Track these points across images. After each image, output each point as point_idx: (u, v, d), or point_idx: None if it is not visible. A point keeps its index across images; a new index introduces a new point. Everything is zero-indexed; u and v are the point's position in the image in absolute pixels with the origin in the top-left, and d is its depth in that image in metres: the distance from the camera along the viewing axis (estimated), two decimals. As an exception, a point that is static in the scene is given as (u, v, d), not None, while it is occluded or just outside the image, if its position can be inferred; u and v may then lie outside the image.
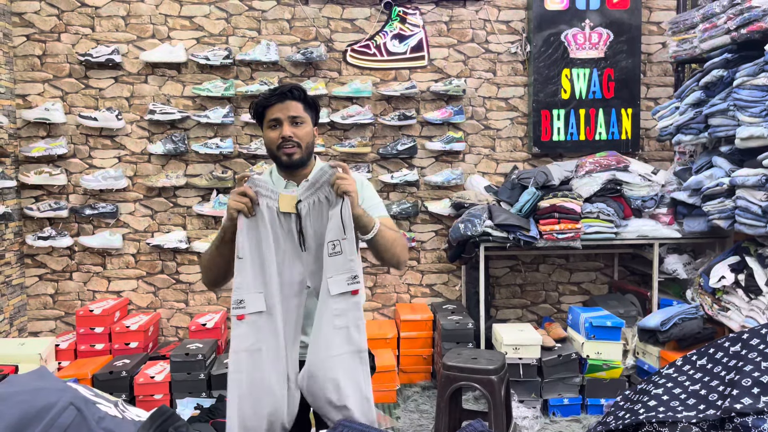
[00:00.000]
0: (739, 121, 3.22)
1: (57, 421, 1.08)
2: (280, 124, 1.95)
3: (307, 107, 2.00)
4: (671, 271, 4.01)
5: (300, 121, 1.96)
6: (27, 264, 4.32)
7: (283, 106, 1.95)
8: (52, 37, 4.26)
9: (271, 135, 1.97)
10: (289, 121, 1.95)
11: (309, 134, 1.99)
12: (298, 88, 2.00)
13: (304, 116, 1.98)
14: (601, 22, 4.39)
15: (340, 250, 1.77)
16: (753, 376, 1.30)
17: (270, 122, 1.97)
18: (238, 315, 1.77)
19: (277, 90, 1.99)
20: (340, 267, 1.77)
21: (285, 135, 1.93)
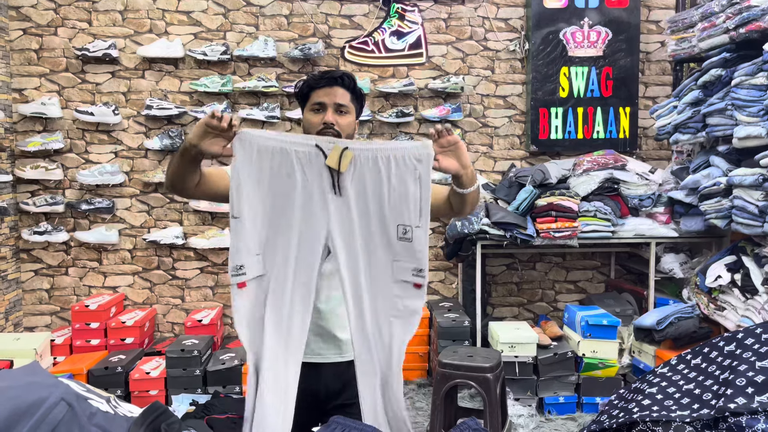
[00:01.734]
0: (736, 120, 3.21)
1: (48, 417, 1.07)
2: (324, 109, 1.83)
3: (354, 98, 1.88)
4: (668, 270, 4.01)
5: (345, 110, 1.84)
6: (23, 259, 4.31)
7: (331, 91, 1.83)
8: (48, 31, 4.24)
9: (313, 119, 1.84)
10: (334, 107, 1.82)
11: (351, 126, 1.86)
12: (350, 76, 1.89)
13: (349, 106, 1.86)
14: (599, 21, 4.39)
15: (410, 238, 1.54)
16: (747, 376, 1.30)
17: (314, 105, 1.85)
18: (239, 283, 1.56)
19: (328, 74, 1.88)
20: (406, 254, 1.55)
21: (327, 121, 1.80)
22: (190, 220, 4.39)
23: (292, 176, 1.52)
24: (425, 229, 1.54)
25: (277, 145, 1.52)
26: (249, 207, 1.53)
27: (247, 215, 1.53)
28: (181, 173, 1.71)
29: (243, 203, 1.53)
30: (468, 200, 1.75)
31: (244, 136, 1.52)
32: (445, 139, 1.60)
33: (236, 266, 1.55)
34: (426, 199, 1.52)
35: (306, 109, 1.89)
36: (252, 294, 1.56)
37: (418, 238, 1.54)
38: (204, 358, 3.75)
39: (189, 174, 1.71)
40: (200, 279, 4.43)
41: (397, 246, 1.54)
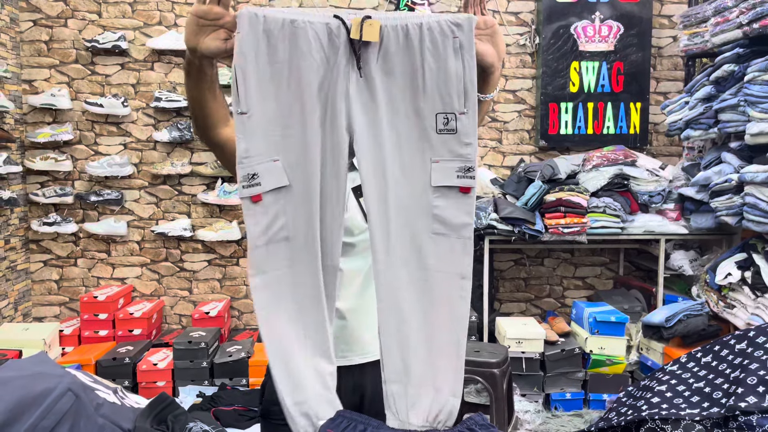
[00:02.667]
0: (749, 116, 3.18)
1: (55, 407, 1.08)
2: None
3: None
4: (677, 267, 3.98)
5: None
6: (32, 249, 4.33)
7: None
8: (58, 22, 4.24)
9: None
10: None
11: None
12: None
13: None
14: (611, 15, 4.34)
15: (453, 128, 1.21)
16: (759, 375, 1.29)
17: None
18: (253, 196, 1.21)
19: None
20: (448, 151, 1.22)
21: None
22: (198, 213, 4.39)
23: (308, 56, 1.19)
24: (472, 115, 1.22)
25: (289, 17, 1.19)
26: (260, 97, 1.20)
27: (258, 108, 1.20)
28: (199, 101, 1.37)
29: (252, 93, 1.19)
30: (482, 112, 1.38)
31: (247, 13, 1.18)
32: (482, 18, 1.30)
33: (248, 175, 1.20)
34: (471, 77, 1.21)
35: None
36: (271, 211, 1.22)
37: (465, 127, 1.21)
38: (211, 350, 3.76)
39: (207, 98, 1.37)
40: (208, 271, 4.44)
41: (437, 141, 1.22)
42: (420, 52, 1.20)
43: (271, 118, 1.20)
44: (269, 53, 1.18)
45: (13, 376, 1.12)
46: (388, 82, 1.21)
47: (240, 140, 1.20)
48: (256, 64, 1.18)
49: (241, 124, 1.20)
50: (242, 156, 1.20)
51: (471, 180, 1.22)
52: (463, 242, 1.24)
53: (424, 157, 1.22)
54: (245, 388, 3.65)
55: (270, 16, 1.18)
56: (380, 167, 1.22)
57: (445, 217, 1.23)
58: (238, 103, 1.19)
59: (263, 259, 1.22)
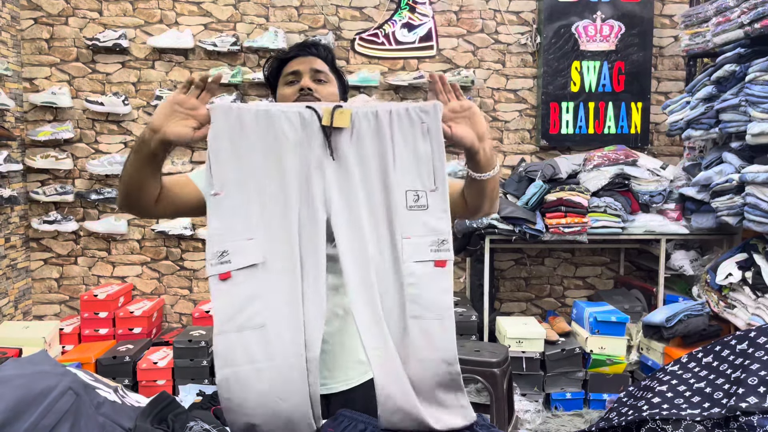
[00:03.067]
0: (750, 117, 3.18)
1: (55, 406, 1.08)
2: (300, 78, 1.53)
3: (333, 70, 1.59)
4: (678, 267, 3.98)
5: (325, 78, 1.54)
6: (32, 248, 4.33)
7: (305, 60, 1.55)
8: (59, 20, 4.24)
9: (287, 91, 1.53)
10: (310, 74, 1.52)
11: (333, 96, 1.54)
12: (326, 47, 1.60)
13: (329, 75, 1.56)
14: (612, 15, 4.34)
15: (425, 204, 1.22)
16: (759, 375, 1.29)
17: (286, 76, 1.55)
18: (221, 273, 1.17)
19: (299, 44, 1.59)
20: (419, 227, 1.22)
21: (304, 86, 1.50)
22: (199, 211, 4.39)
23: (281, 139, 1.21)
24: (443, 191, 1.24)
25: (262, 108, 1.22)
26: (233, 178, 1.19)
27: (231, 189, 1.19)
28: (138, 181, 1.35)
29: (227, 174, 1.19)
30: (486, 191, 1.42)
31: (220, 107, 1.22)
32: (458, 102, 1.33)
33: (217, 252, 1.17)
34: (439, 155, 1.23)
35: (279, 85, 1.58)
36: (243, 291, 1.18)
37: (436, 203, 1.23)
38: (211, 348, 3.75)
39: (148, 180, 1.35)
40: (208, 270, 4.43)
41: (407, 217, 1.22)
42: (390, 135, 1.23)
43: (247, 198, 1.20)
44: (243, 137, 1.20)
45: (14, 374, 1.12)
46: (360, 163, 1.23)
47: (212, 218, 1.19)
48: (231, 146, 1.20)
49: (215, 204, 1.19)
50: (213, 233, 1.18)
51: (447, 253, 1.22)
52: (441, 323, 1.22)
53: (397, 234, 1.22)
54: (245, 386, 3.64)
55: (243, 107, 1.22)
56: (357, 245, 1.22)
57: (420, 295, 1.21)
58: (212, 184, 1.19)
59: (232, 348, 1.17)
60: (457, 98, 1.35)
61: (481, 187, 1.41)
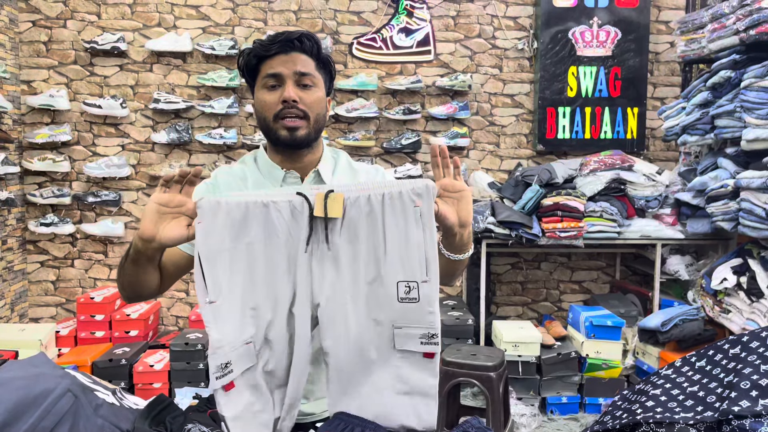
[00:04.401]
0: (745, 122, 3.20)
1: (54, 408, 1.08)
2: (282, 83, 1.40)
3: (320, 66, 1.45)
4: (673, 272, 4.00)
5: (311, 82, 1.42)
6: (29, 250, 4.33)
7: (288, 59, 1.40)
8: (58, 23, 4.25)
9: (268, 98, 1.41)
10: (294, 79, 1.40)
11: (320, 103, 1.44)
12: (311, 37, 1.42)
13: (315, 76, 1.43)
14: (609, 20, 4.37)
15: (416, 297, 1.22)
16: (752, 379, 1.30)
17: (266, 78, 1.41)
18: (226, 385, 1.20)
19: (281, 36, 1.41)
20: (411, 318, 1.23)
21: (288, 97, 1.38)
22: (196, 214, 4.39)
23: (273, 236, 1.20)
24: (434, 283, 1.22)
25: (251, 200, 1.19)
26: (227, 283, 1.19)
27: (226, 294, 1.19)
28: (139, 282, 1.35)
29: (219, 280, 1.18)
30: (452, 269, 1.41)
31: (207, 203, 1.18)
32: (451, 182, 1.30)
33: (221, 365, 1.19)
34: (432, 244, 1.20)
35: (257, 86, 1.44)
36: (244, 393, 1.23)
37: (427, 296, 1.22)
38: (208, 352, 3.75)
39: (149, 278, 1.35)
40: (205, 273, 4.43)
41: (399, 309, 1.22)
42: (382, 222, 1.20)
43: (240, 301, 1.20)
44: (233, 238, 1.19)
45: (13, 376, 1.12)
46: (351, 251, 1.22)
47: (211, 329, 1.19)
48: (220, 250, 1.18)
49: (211, 312, 1.19)
50: (216, 346, 1.19)
51: (435, 346, 1.24)
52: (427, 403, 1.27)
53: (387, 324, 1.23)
54: (242, 390, 3.64)
55: (231, 201, 1.18)
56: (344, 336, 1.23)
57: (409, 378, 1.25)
58: (206, 293, 1.18)
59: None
60: (454, 177, 1.32)
61: (452, 266, 1.40)
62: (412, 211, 1.20)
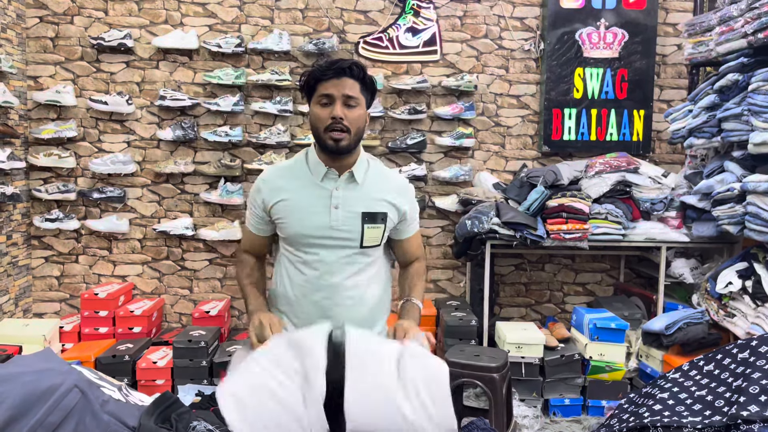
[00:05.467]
0: (752, 126, 3.19)
1: (61, 403, 1.08)
2: (333, 102, 1.75)
3: (364, 88, 1.81)
4: (678, 275, 3.98)
5: (355, 103, 1.77)
6: (33, 245, 4.33)
7: (339, 83, 1.75)
8: (65, 19, 4.25)
9: (320, 113, 1.76)
10: (342, 100, 1.74)
11: (361, 119, 1.79)
12: (359, 65, 1.80)
13: (359, 98, 1.78)
14: (616, 22, 4.36)
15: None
16: (761, 384, 1.29)
17: (320, 97, 1.77)
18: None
19: (336, 64, 1.78)
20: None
21: (336, 115, 1.73)
22: (201, 212, 4.40)
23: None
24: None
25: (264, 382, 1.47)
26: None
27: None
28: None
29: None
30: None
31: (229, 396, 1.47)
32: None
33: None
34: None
35: (313, 102, 1.80)
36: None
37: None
38: (211, 349, 3.76)
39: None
40: (209, 270, 4.44)
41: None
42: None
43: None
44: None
45: (20, 372, 1.12)
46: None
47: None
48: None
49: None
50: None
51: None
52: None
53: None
54: (244, 387, 3.64)
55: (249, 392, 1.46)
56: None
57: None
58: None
59: None
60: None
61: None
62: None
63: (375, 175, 1.90)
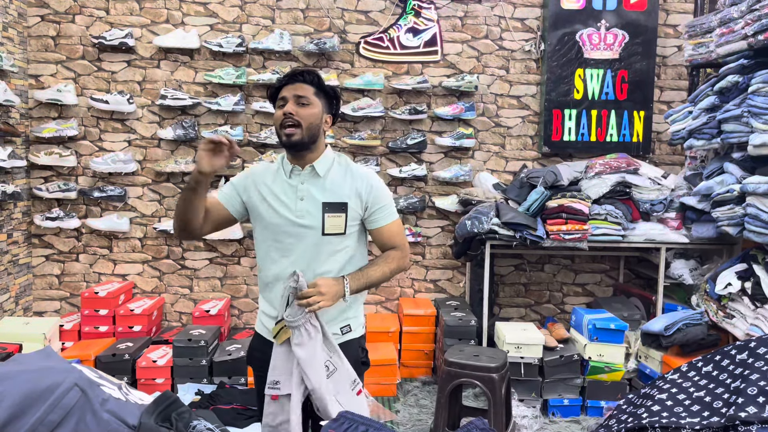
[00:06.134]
0: (752, 127, 3.19)
1: (61, 402, 1.09)
2: (286, 102, 1.95)
3: (319, 92, 1.99)
4: (677, 276, 3.99)
5: (306, 102, 1.95)
6: (34, 244, 4.34)
7: (292, 87, 1.96)
8: (66, 18, 4.26)
9: (277, 113, 1.97)
10: (294, 99, 1.94)
11: (313, 116, 1.96)
12: (312, 72, 2.00)
13: (311, 99, 1.97)
14: (616, 23, 4.36)
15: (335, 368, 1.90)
16: (759, 385, 1.29)
17: (279, 101, 1.99)
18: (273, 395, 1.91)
19: (291, 71, 2.02)
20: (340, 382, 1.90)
21: (286, 111, 1.92)
22: (201, 211, 4.40)
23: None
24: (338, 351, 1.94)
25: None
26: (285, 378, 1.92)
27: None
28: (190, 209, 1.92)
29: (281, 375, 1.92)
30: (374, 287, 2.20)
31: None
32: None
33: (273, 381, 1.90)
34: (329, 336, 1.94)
35: (275, 107, 2.02)
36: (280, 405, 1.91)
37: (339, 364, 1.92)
38: (210, 348, 3.76)
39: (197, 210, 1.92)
40: (209, 269, 4.45)
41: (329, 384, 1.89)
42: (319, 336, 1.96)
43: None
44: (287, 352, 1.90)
45: (21, 370, 1.13)
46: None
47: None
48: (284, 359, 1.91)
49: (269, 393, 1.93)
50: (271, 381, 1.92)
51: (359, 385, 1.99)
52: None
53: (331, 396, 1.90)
54: (244, 387, 3.65)
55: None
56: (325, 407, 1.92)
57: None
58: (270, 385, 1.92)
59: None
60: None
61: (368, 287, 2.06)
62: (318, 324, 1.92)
63: (339, 170, 2.04)
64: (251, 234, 4.31)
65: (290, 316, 1.84)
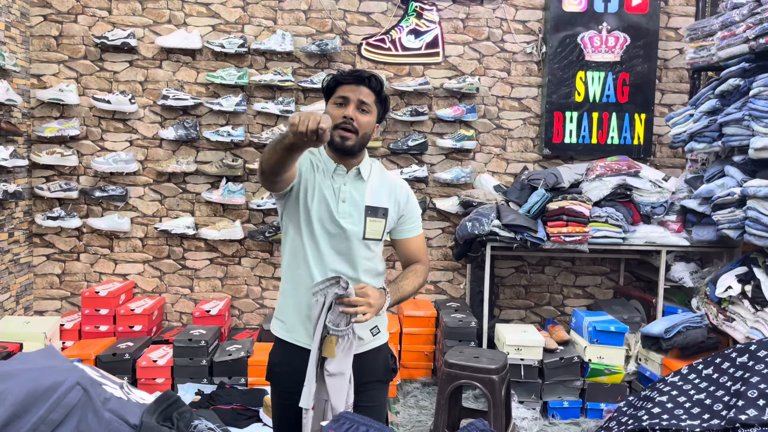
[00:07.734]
0: (753, 131, 3.19)
1: (63, 401, 1.09)
2: (348, 103, 1.90)
3: (377, 100, 1.96)
4: (677, 278, 3.99)
5: (367, 109, 1.91)
6: (35, 243, 4.34)
7: (357, 89, 1.91)
8: (69, 18, 4.27)
9: (335, 111, 1.91)
10: (356, 103, 1.90)
11: (369, 125, 1.93)
12: (378, 78, 1.96)
13: (372, 106, 1.93)
14: (618, 26, 4.36)
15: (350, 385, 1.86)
16: (759, 388, 1.30)
17: (338, 98, 1.92)
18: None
19: (357, 72, 1.96)
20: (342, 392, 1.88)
21: (348, 115, 1.87)
22: (202, 211, 4.41)
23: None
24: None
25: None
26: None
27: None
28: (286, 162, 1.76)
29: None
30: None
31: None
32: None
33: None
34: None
35: (330, 102, 1.94)
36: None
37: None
38: (211, 348, 3.77)
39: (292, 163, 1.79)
40: (210, 270, 4.45)
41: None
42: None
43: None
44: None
45: (23, 368, 1.13)
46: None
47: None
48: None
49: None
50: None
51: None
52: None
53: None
54: (244, 387, 3.66)
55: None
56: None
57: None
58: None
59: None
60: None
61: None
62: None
63: (378, 175, 2.03)
64: (251, 235, 4.33)
65: (332, 323, 1.73)
